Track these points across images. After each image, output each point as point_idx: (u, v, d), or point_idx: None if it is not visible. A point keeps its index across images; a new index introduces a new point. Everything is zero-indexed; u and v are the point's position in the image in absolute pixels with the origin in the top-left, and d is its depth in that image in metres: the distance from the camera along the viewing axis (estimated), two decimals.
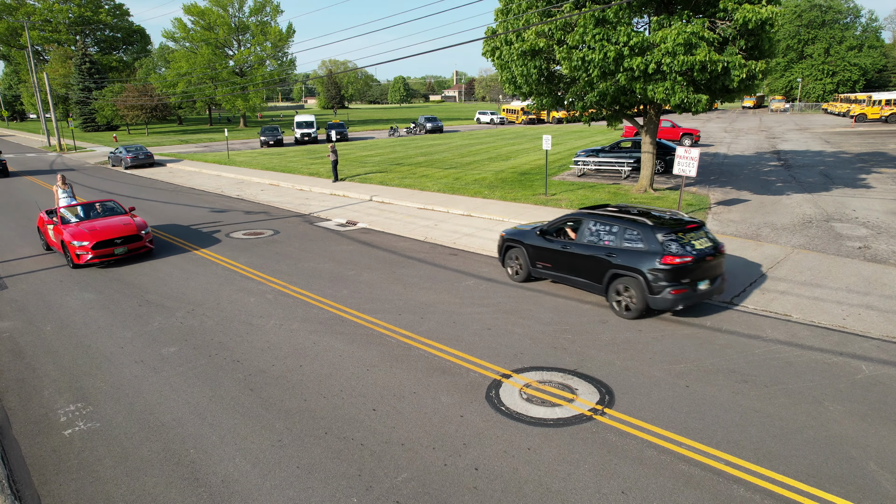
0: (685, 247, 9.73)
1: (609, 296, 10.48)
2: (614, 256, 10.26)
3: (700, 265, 9.72)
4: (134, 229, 14.65)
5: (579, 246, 10.93)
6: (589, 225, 10.95)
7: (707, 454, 6.30)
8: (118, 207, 16.12)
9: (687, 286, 9.61)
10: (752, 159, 29.75)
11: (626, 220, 10.43)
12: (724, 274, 10.47)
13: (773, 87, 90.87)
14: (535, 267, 11.95)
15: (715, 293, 10.20)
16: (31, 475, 6.36)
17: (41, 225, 15.81)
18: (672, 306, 9.69)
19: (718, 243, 10.39)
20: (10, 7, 79.31)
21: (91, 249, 13.78)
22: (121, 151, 36.88)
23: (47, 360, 9.20)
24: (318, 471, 6.24)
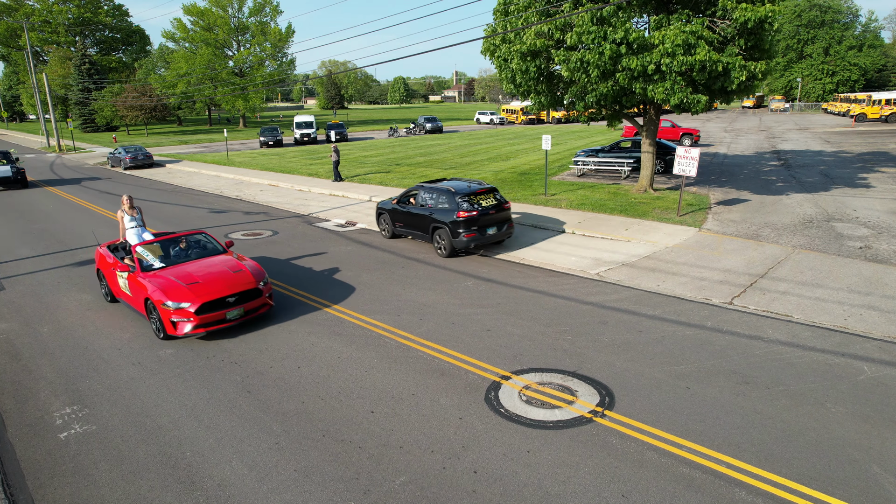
0: (474, 205, 13.84)
1: (433, 241, 14.72)
2: (433, 214, 14.41)
3: (485, 217, 13.92)
4: (250, 280, 10.19)
5: (416, 208, 15.11)
6: (421, 194, 15.09)
7: (708, 457, 6.24)
8: (212, 242, 11.67)
9: (476, 231, 13.82)
10: (753, 159, 29.69)
11: (440, 189, 14.52)
12: (510, 222, 14.69)
13: (772, 86, 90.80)
14: (395, 226, 16.17)
15: (504, 236, 14.57)
16: (26, 479, 6.30)
17: (103, 266, 11.60)
18: (467, 245, 13.85)
19: (503, 201, 14.58)
20: (9, 8, 79.25)
21: (195, 315, 9.40)
22: (120, 152, 36.81)
23: (44, 362, 9.14)
24: (316, 474, 6.18)
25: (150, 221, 19.98)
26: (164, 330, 9.61)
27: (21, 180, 28.68)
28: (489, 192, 14.46)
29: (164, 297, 9.49)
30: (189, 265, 10.59)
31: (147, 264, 10.53)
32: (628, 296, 11.19)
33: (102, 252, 11.88)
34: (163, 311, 9.49)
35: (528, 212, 18.42)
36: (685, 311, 10.33)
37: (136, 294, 10.23)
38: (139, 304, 10.26)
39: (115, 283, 11.09)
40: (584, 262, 13.38)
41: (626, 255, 13.68)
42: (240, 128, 76.06)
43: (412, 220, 15.30)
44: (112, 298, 11.72)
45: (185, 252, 11.18)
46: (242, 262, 10.88)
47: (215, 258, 11.00)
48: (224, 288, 9.86)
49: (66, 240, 17.52)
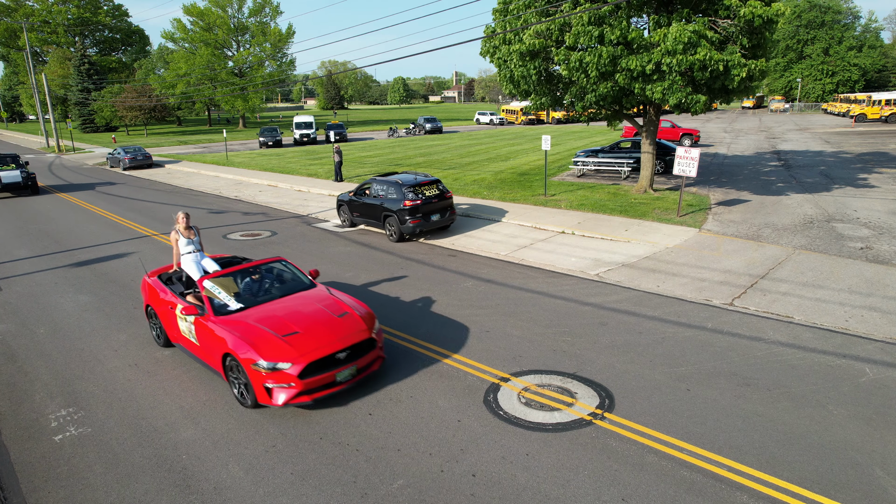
0: (418, 195, 15.57)
1: (385, 228, 16.37)
2: (384, 204, 16.04)
3: (429, 205, 15.68)
4: (362, 328, 7.93)
5: (370, 199, 16.69)
6: (374, 186, 16.66)
7: (709, 460, 6.18)
8: (294, 272, 9.38)
9: (421, 218, 15.58)
10: (752, 159, 29.64)
11: (390, 182, 16.14)
12: (452, 209, 16.48)
13: (772, 87, 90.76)
14: (352, 216, 17.79)
15: (447, 222, 16.35)
16: (20, 482, 6.24)
17: (155, 303, 9.31)
18: (413, 230, 15.59)
19: (446, 191, 16.35)
20: (8, 8, 79.21)
21: (298, 379, 7.11)
22: (119, 152, 36.75)
23: (39, 364, 9.08)
24: (313, 477, 6.12)
25: (149, 222, 19.91)
26: (251, 397, 7.37)
27: (31, 186, 26.67)
28: (433, 184, 16.18)
29: (255, 355, 7.16)
30: (275, 306, 8.28)
31: (219, 304, 8.21)
32: (628, 297, 11.13)
33: (152, 284, 9.60)
34: (252, 374, 7.17)
35: (528, 212, 18.35)
36: (685, 312, 10.27)
37: (209, 345, 7.94)
38: (212, 359, 7.96)
39: (173, 325, 8.83)
40: (584, 262, 13.32)
41: (626, 256, 13.62)
42: (239, 128, 76.02)
43: (367, 209, 17.00)
44: (166, 342, 9.44)
45: (264, 286, 8.89)
46: (341, 299, 8.62)
47: (305, 295, 8.69)
48: (332, 340, 7.54)
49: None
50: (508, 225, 17.34)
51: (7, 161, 26.82)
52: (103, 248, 16.34)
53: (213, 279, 8.58)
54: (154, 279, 9.77)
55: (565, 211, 18.37)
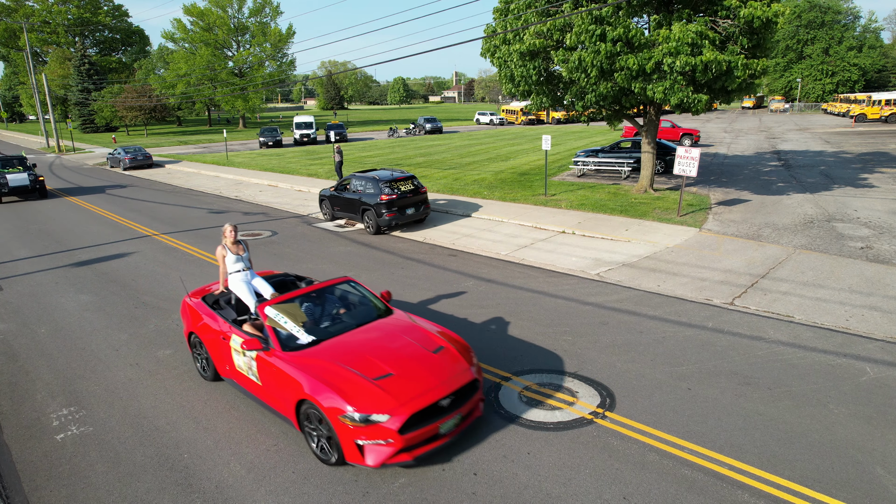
0: (394, 190, 16.50)
1: (363, 221, 17.34)
2: (362, 199, 17.05)
3: (403, 199, 16.64)
4: (464, 366, 6.66)
5: (350, 194, 17.68)
6: (353, 182, 17.63)
7: (710, 458, 6.19)
8: (364, 295, 8.13)
9: (396, 211, 16.52)
10: (753, 159, 29.65)
11: (367, 178, 17.05)
12: (426, 204, 17.54)
13: (772, 87, 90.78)
14: (333, 210, 18.77)
15: (422, 216, 17.42)
16: (22, 481, 6.24)
17: (201, 330, 8.10)
18: (389, 223, 16.57)
19: (420, 187, 17.33)
20: (8, 9, 79.22)
21: (399, 435, 5.87)
22: (119, 152, 36.77)
23: (41, 363, 9.08)
24: (315, 476, 6.13)
25: (149, 222, 19.92)
26: (337, 454, 6.11)
27: (40, 189, 25.33)
28: (408, 179, 17.15)
29: (343, 404, 5.88)
30: (354, 339, 6.98)
31: (287, 336, 6.93)
32: (629, 296, 11.14)
33: (196, 307, 8.38)
34: (339, 427, 5.89)
35: (529, 212, 18.36)
36: (686, 311, 10.28)
37: (277, 388, 6.65)
38: (281, 403, 6.66)
39: (226, 358, 7.60)
40: (585, 262, 13.33)
41: (627, 256, 13.63)
42: (239, 128, 76.03)
43: (347, 204, 17.98)
44: (215, 376, 8.14)
45: (336, 314, 7.67)
46: (430, 329, 7.31)
47: (385, 324, 7.40)
48: (434, 384, 6.24)
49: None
50: (508, 225, 17.35)
51: (13, 163, 25.88)
52: (104, 247, 16.35)
53: (277, 306, 7.23)
54: (197, 301, 8.48)
55: (566, 211, 18.38)
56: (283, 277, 9.15)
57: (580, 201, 19.43)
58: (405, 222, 17.16)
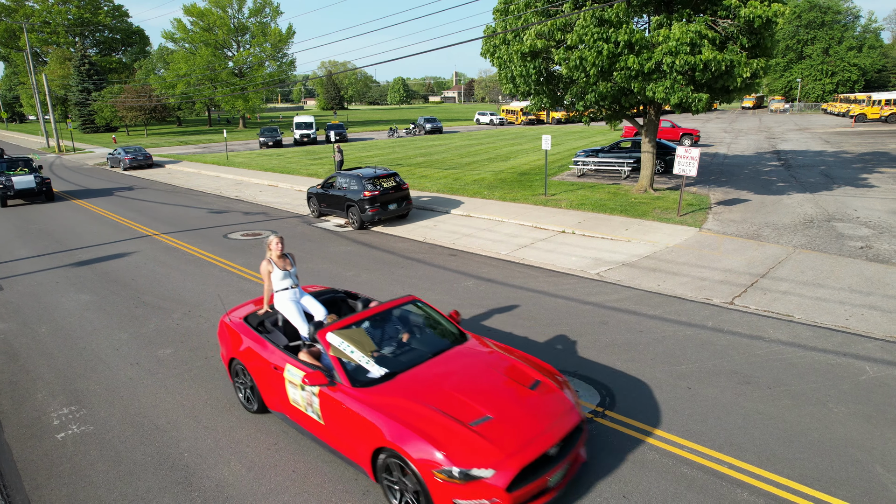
0: (377, 186, 17.44)
1: (347, 216, 18.12)
2: (347, 195, 17.90)
3: (386, 195, 17.54)
4: (571, 408, 5.74)
5: (335, 191, 18.54)
6: (339, 179, 18.55)
7: (709, 457, 6.20)
8: (434, 317, 7.10)
9: (379, 207, 17.41)
10: (753, 159, 29.67)
11: (352, 175, 17.98)
12: (408, 200, 18.38)
13: (772, 87, 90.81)
14: (320, 206, 19.57)
15: (404, 211, 18.31)
16: (23, 480, 6.25)
17: (245, 357, 7.12)
18: (372, 218, 17.41)
19: (402, 183, 18.28)
20: (8, 9, 79.24)
21: (506, 493, 4.85)
22: (119, 153, 36.80)
23: (41, 363, 9.10)
24: (314, 474, 6.14)
25: (149, 222, 19.92)
26: None
27: (46, 192, 24.42)
28: (390, 176, 18.05)
29: (437, 455, 4.90)
30: (433, 371, 5.99)
31: (355, 369, 5.98)
32: (629, 296, 11.15)
33: (237, 329, 7.37)
34: (432, 484, 4.90)
35: (529, 212, 18.38)
36: (686, 311, 10.29)
37: (347, 430, 5.70)
38: (353, 449, 5.72)
39: (277, 390, 6.63)
40: (585, 261, 13.34)
41: (627, 255, 13.64)
42: (239, 128, 76.06)
43: (332, 200, 18.79)
44: (262, 408, 7.17)
45: (406, 340, 6.68)
46: (517, 359, 6.32)
47: (464, 353, 6.42)
48: (539, 429, 5.28)
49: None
50: (508, 225, 17.36)
51: (19, 165, 25.22)
52: (104, 247, 16.37)
53: (341, 332, 6.22)
54: (239, 323, 7.43)
55: (566, 210, 18.39)
56: (331, 295, 8.13)
57: (580, 201, 19.44)
58: (387, 217, 18.07)
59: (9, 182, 23.57)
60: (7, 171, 24.57)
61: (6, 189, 23.47)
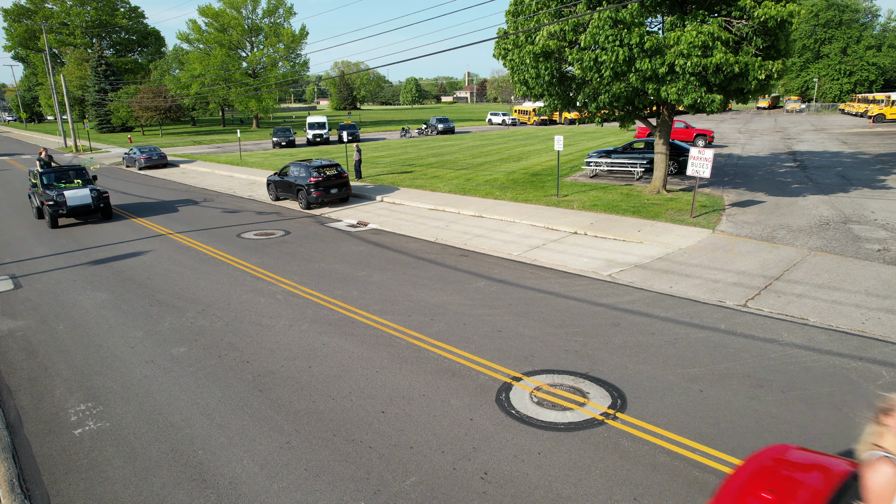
0: (321, 174, 21.21)
1: (297, 199, 21.94)
2: (297, 181, 21.67)
3: (328, 182, 21.26)
4: None
5: (289, 178, 22.26)
6: (291, 168, 22.28)
7: (722, 461, 6.16)
8: None
9: (322, 191, 21.12)
10: (767, 160, 29.36)
11: (302, 165, 21.76)
12: (347, 186, 22.05)
13: (788, 87, 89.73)
14: (277, 192, 23.20)
15: (343, 195, 21.99)
16: (42, 474, 6.37)
17: None
18: (318, 199, 21.12)
19: (343, 172, 21.92)
20: (28, 11, 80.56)
21: None
22: (135, 152, 37.25)
23: (59, 360, 9.25)
24: (326, 473, 6.19)
25: (164, 221, 20.13)
26: None
27: (104, 208, 20.29)
28: (333, 166, 21.81)
29: None
30: None
31: None
32: (641, 297, 11.10)
33: None
34: None
35: (541, 212, 18.34)
36: (698, 313, 10.23)
37: None
38: None
39: None
40: (597, 263, 13.29)
41: (639, 257, 13.57)
42: (253, 128, 76.62)
43: (286, 186, 22.47)
44: None
45: None
46: None
47: None
48: None
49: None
50: (520, 226, 17.34)
51: (70, 176, 20.58)
52: (120, 246, 16.59)
53: None
54: None
55: (578, 211, 18.34)
56: None
57: (592, 202, 19.37)
58: (330, 200, 21.74)
59: (60, 198, 19.01)
60: (57, 184, 20.12)
61: (57, 207, 18.90)
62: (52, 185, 19.94)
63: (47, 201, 18.89)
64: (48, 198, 18.95)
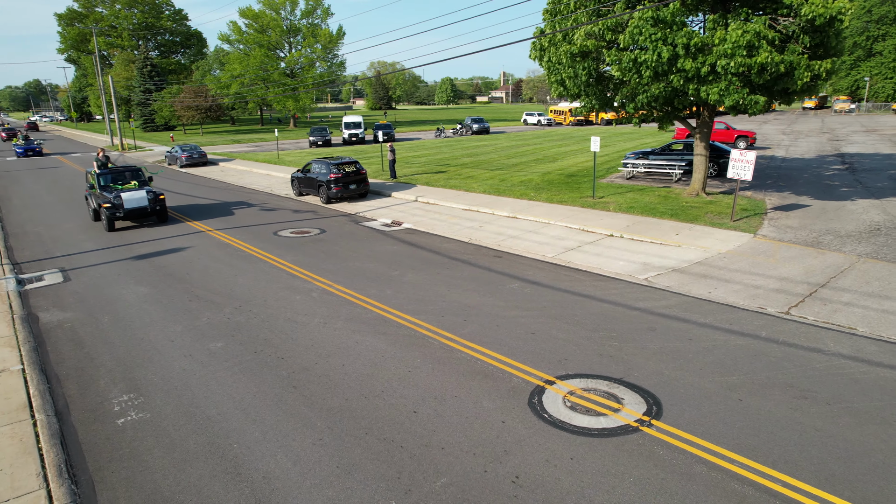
0: (340, 170, 22.35)
1: (319, 195, 23.08)
2: (318, 177, 22.82)
3: (347, 178, 22.41)
4: None
5: (311, 174, 23.45)
6: (313, 165, 23.39)
7: (762, 473, 5.97)
8: None
9: (342, 186, 22.27)
10: (813, 162, 28.34)
11: (323, 162, 22.85)
12: (366, 182, 23.29)
13: (837, 86, 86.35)
14: (300, 188, 24.47)
15: (362, 191, 23.19)
16: (87, 461, 6.61)
17: None
18: (337, 195, 22.34)
19: (361, 169, 23.12)
20: (80, 15, 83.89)
21: None
22: (176, 150, 38.35)
23: (104, 351, 9.58)
24: (358, 471, 6.24)
25: (207, 220, 20.61)
26: None
27: (160, 211, 19.62)
28: (352, 163, 23.05)
29: None
30: None
31: None
32: (678, 302, 10.85)
33: None
34: None
35: (575, 214, 18.13)
36: (738, 319, 9.94)
37: None
38: None
39: None
40: (633, 266, 13.05)
41: (677, 261, 13.27)
42: (290, 128, 77.96)
43: (308, 182, 23.67)
44: None
45: None
46: None
47: None
48: None
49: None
50: (553, 226, 17.17)
51: (126, 177, 20.08)
52: (161, 242, 17.08)
53: None
54: None
55: (614, 213, 18.04)
56: None
57: (629, 204, 19.04)
58: (349, 195, 22.93)
59: (118, 200, 18.54)
60: (114, 185, 19.63)
61: (114, 209, 18.47)
62: (108, 187, 19.44)
63: (104, 203, 18.51)
64: (105, 200, 18.59)
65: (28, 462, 6.55)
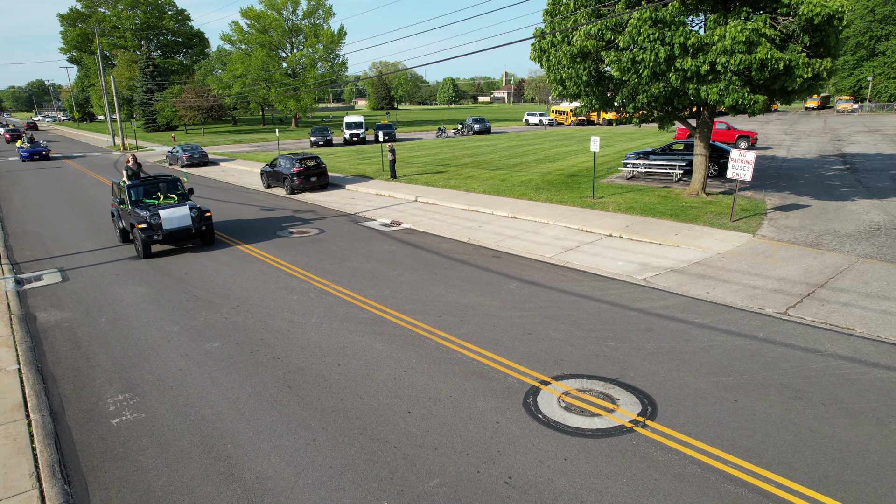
0: (302, 164, 25.25)
1: (284, 186, 25.75)
2: (283, 171, 25.69)
3: (307, 171, 25.28)
4: None
5: (277, 168, 26.20)
6: (279, 160, 26.18)
7: (756, 474, 5.94)
8: None
9: (304, 179, 25.12)
10: (814, 163, 28.27)
11: (287, 157, 25.69)
12: (325, 175, 26.05)
13: (839, 86, 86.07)
14: (268, 180, 27.13)
15: (322, 182, 25.90)
16: (80, 461, 6.61)
17: None
18: (299, 186, 25.06)
19: (321, 164, 26.00)
20: (82, 15, 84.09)
21: None
22: (177, 150, 38.44)
23: (100, 351, 9.59)
24: (351, 472, 6.23)
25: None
26: None
27: (206, 233, 16.13)
28: (313, 158, 25.92)
29: None
30: None
31: None
32: (676, 303, 10.83)
33: None
34: None
35: (576, 214, 18.10)
36: (735, 320, 9.91)
37: None
38: None
39: None
40: (631, 266, 13.03)
41: (675, 261, 13.24)
42: (291, 128, 78.01)
43: (276, 175, 26.46)
44: None
45: None
46: None
47: None
48: None
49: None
50: (553, 227, 17.15)
51: (162, 188, 16.41)
52: None
53: None
54: None
55: (613, 213, 18.01)
56: None
57: (629, 204, 19.00)
58: (310, 187, 25.63)
59: (155, 219, 15.05)
60: (150, 201, 15.96)
61: (152, 230, 14.98)
62: (141, 203, 15.80)
63: (139, 223, 14.88)
64: (139, 219, 15.00)
65: (21, 462, 6.56)
